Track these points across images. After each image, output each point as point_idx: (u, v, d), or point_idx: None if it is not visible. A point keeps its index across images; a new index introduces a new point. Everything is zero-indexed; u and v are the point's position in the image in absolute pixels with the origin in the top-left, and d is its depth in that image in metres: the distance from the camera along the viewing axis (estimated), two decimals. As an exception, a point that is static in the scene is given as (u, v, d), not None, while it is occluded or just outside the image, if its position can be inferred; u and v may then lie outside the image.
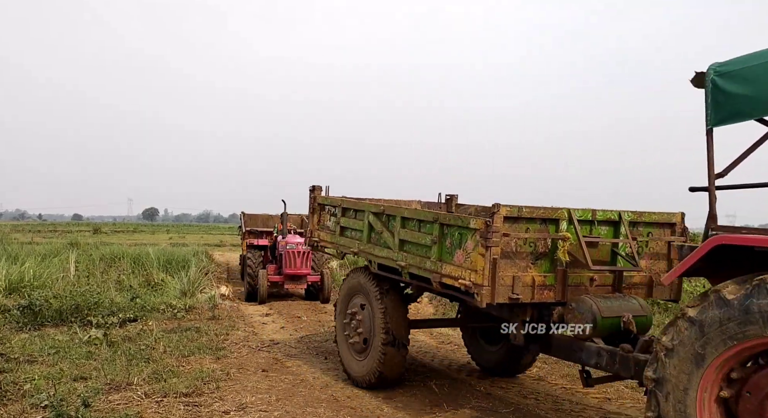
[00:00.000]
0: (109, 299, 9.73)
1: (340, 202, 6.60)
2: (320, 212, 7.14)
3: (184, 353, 7.15)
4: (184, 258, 14.92)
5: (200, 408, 5.18)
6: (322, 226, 7.10)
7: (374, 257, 5.76)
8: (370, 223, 5.84)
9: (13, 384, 5.58)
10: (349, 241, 6.32)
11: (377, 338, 5.75)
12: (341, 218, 6.49)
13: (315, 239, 7.11)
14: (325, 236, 6.90)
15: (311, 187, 7.24)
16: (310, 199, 7.23)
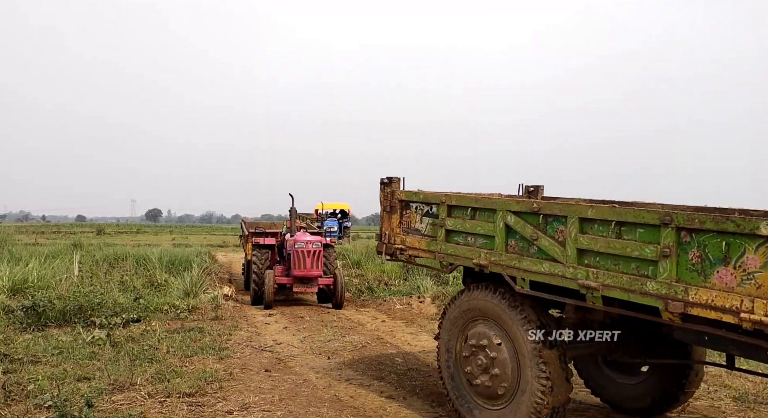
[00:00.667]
0: (113, 300, 9.74)
1: (443, 198, 5.10)
2: (402, 210, 5.64)
3: (187, 353, 7.16)
4: (187, 259, 14.94)
5: (203, 408, 5.19)
6: (407, 229, 5.57)
7: (524, 273, 4.31)
8: (510, 226, 4.46)
9: (17, 385, 5.60)
10: (466, 249, 4.86)
11: (531, 386, 4.31)
12: (447, 219, 5.03)
13: (398, 246, 5.60)
14: (417, 242, 5.39)
15: (385, 179, 5.77)
16: (385, 195, 5.75)
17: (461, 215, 4.97)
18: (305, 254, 11.25)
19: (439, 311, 10.97)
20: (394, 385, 6.17)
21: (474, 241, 4.86)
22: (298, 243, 11.37)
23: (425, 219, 5.40)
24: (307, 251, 11.26)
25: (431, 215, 5.32)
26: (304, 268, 11.26)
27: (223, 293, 12.11)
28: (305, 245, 11.30)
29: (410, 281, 13.41)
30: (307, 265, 11.25)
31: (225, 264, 19.28)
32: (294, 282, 11.51)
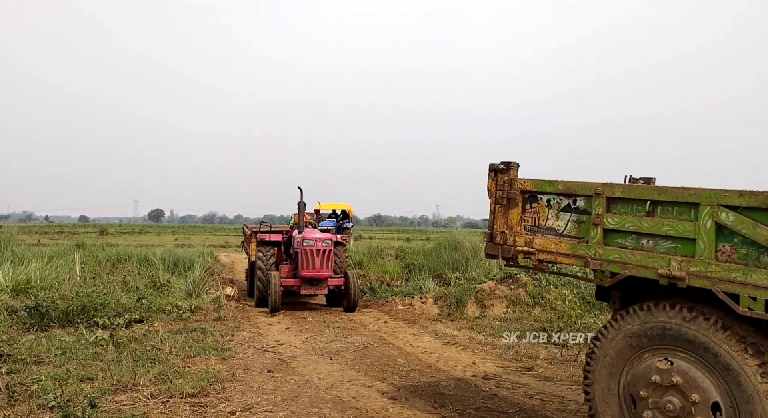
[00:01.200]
0: (116, 300, 9.76)
1: (599, 188, 4.00)
2: (526, 204, 4.56)
3: (190, 353, 7.17)
4: (189, 259, 14.95)
5: (206, 409, 5.20)
6: (534, 227, 4.50)
7: (754, 290, 3.27)
8: (724, 225, 3.42)
9: (20, 385, 5.61)
10: (642, 256, 3.77)
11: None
12: (607, 216, 3.97)
13: (521, 249, 4.49)
14: (553, 244, 4.31)
15: (498, 165, 4.66)
16: (499, 184, 4.65)
17: (631, 210, 3.91)
18: (314, 253, 10.34)
19: (441, 312, 10.96)
20: (397, 386, 6.17)
21: (654, 244, 3.76)
22: (306, 241, 10.43)
23: (564, 215, 4.33)
24: (316, 250, 10.35)
25: (576, 210, 4.26)
26: (312, 268, 10.34)
27: (226, 293, 12.12)
28: (314, 243, 10.37)
29: (412, 282, 13.41)
30: (317, 265, 10.34)
31: (227, 265, 19.30)
32: (302, 284, 10.59)
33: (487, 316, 10.67)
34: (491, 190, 4.72)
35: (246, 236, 14.24)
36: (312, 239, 10.46)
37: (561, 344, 8.16)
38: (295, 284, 10.70)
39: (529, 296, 11.19)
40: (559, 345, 8.08)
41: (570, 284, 11.57)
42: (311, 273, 10.44)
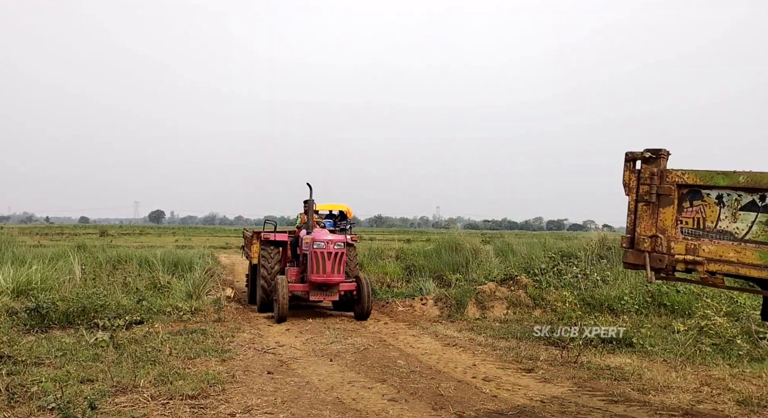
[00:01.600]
0: (116, 302, 9.76)
1: None
2: (684, 202, 3.77)
3: (190, 355, 7.17)
4: (189, 260, 14.95)
5: (206, 410, 5.19)
6: (698, 231, 3.68)
7: None
8: None
9: (20, 386, 5.61)
10: None
11: None
12: None
13: (680, 257, 3.68)
14: (733, 252, 3.49)
15: (642, 154, 3.87)
16: (644, 178, 3.85)
17: None
18: (325, 256, 9.53)
19: (441, 313, 10.95)
20: (397, 387, 6.17)
21: None
22: (317, 243, 9.62)
23: (745, 215, 3.53)
24: (327, 253, 9.56)
25: (765, 208, 3.45)
26: (323, 272, 9.53)
27: (226, 294, 12.12)
28: (325, 245, 9.56)
29: (412, 283, 13.41)
30: (328, 269, 9.52)
31: (228, 266, 19.30)
32: (311, 289, 9.80)
33: (488, 317, 10.67)
34: (630, 184, 3.94)
35: (247, 239, 13.71)
36: (323, 240, 9.66)
37: (562, 345, 8.15)
38: (303, 289, 9.89)
39: (530, 298, 11.19)
40: (560, 347, 8.06)
41: (570, 285, 11.56)
42: (322, 278, 9.64)
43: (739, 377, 6.59)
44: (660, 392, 6.04)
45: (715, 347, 7.66)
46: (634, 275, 12.01)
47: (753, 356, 7.33)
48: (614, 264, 13.09)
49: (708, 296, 9.93)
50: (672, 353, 7.49)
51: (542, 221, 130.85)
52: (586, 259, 13.70)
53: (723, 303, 9.41)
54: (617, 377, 6.56)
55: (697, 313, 8.89)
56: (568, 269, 12.57)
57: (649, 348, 7.80)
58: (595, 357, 7.60)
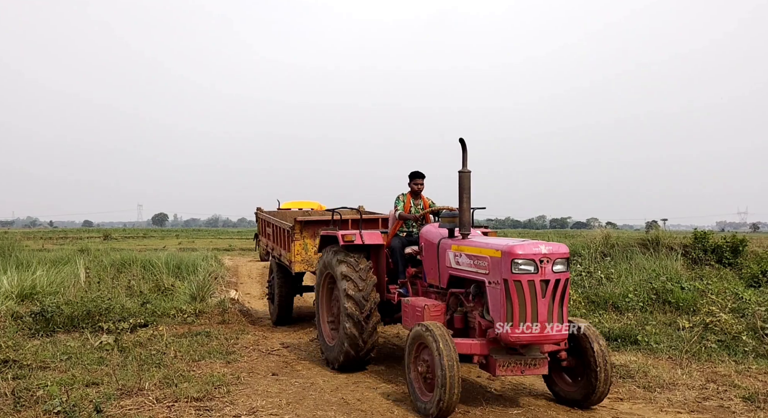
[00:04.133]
0: (120, 305, 9.78)
1: None
2: None
3: (195, 357, 7.18)
4: (193, 263, 14.98)
5: (211, 412, 5.20)
6: None
7: None
8: None
9: (26, 390, 5.63)
10: None
11: None
12: None
13: None
14: None
15: None
16: None
17: None
18: (537, 289, 4.90)
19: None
20: (402, 388, 6.15)
21: None
22: (520, 261, 4.89)
23: None
24: (541, 281, 4.91)
25: None
26: (534, 321, 4.89)
27: (230, 296, 12.14)
28: (537, 265, 4.90)
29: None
30: (542, 313, 4.91)
31: (231, 268, 19.31)
32: (494, 353, 5.20)
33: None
34: None
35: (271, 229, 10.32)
36: (530, 254, 4.93)
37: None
38: (480, 351, 5.21)
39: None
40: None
41: (574, 283, 11.54)
42: (533, 336, 4.94)
43: (745, 373, 6.57)
44: (665, 389, 6.02)
45: (721, 343, 7.64)
46: (639, 272, 11.98)
47: (759, 353, 7.30)
48: (618, 262, 13.06)
49: (713, 292, 9.90)
50: (677, 350, 7.47)
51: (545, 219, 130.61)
52: (590, 257, 13.67)
53: (728, 299, 9.37)
54: (622, 375, 6.54)
55: (702, 310, 8.86)
56: (572, 267, 12.56)
57: (654, 345, 7.77)
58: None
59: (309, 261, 8.79)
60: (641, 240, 14.86)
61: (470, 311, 5.63)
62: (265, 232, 11.19)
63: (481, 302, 5.43)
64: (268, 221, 10.81)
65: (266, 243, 11.18)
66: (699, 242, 13.64)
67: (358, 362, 6.59)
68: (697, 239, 13.73)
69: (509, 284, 4.90)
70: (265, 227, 11.28)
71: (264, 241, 11.49)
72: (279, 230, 9.76)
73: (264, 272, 17.89)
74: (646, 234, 16.07)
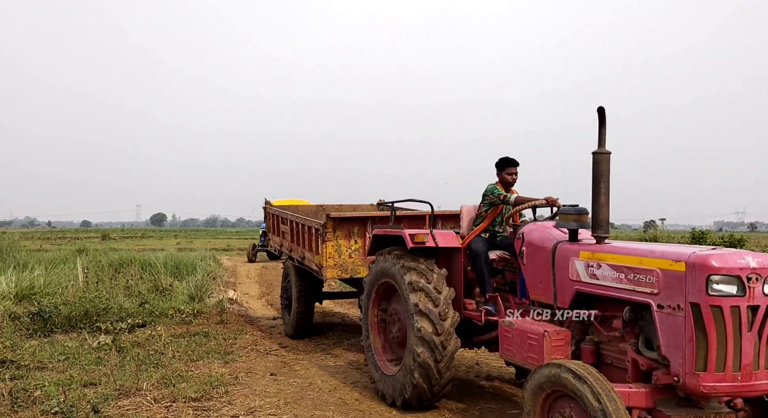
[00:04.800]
0: (118, 305, 9.78)
1: None
2: None
3: (193, 357, 7.17)
4: (191, 263, 14.98)
5: (209, 413, 5.19)
6: None
7: None
8: None
9: (23, 391, 5.62)
10: None
11: None
12: None
13: None
14: None
15: None
16: None
17: None
18: (740, 320, 3.31)
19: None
20: (400, 387, 6.16)
21: None
22: (721, 275, 3.30)
23: None
24: (746, 309, 3.31)
25: None
26: (737, 364, 3.31)
27: (228, 296, 12.14)
28: (742, 284, 3.29)
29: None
30: (746, 352, 3.32)
31: (230, 268, 19.31)
32: (668, 406, 3.59)
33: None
34: None
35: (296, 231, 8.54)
36: (735, 268, 3.32)
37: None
38: (644, 403, 3.58)
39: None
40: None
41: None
42: (735, 387, 3.37)
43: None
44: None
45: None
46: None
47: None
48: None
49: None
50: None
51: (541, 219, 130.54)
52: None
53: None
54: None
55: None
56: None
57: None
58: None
59: (343, 266, 7.37)
60: (639, 240, 14.89)
61: (610, 341, 4.08)
62: (278, 230, 9.46)
63: (635, 331, 3.86)
64: (284, 217, 9.10)
65: (279, 243, 9.47)
66: (697, 242, 13.70)
67: (429, 398, 5.26)
68: (695, 239, 13.80)
69: (702, 310, 3.33)
70: (278, 224, 9.53)
71: (276, 240, 9.72)
72: (302, 228, 8.23)
73: (263, 273, 17.91)
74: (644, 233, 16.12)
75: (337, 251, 7.40)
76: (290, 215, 8.96)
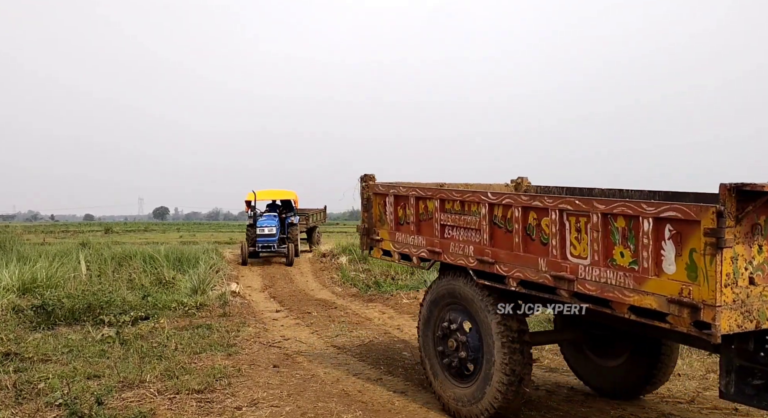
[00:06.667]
0: (121, 298, 9.80)
1: None
2: None
3: (196, 350, 7.20)
4: (194, 256, 14.99)
5: (212, 404, 5.22)
6: None
7: None
8: None
9: (27, 383, 5.65)
10: None
11: None
12: None
13: None
14: None
15: None
16: None
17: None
18: None
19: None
20: (402, 379, 6.18)
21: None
22: None
23: None
24: None
25: None
26: None
27: (231, 289, 12.17)
28: None
29: (417, 275, 13.41)
30: None
31: (232, 261, 19.31)
32: None
33: (493, 308, 10.66)
34: None
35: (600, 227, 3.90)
36: None
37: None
38: None
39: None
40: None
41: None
42: None
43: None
44: (666, 379, 6.02)
45: (721, 334, 7.64)
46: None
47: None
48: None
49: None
50: (678, 340, 7.47)
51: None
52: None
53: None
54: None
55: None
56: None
57: (654, 336, 7.77)
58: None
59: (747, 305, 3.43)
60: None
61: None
62: (419, 221, 5.45)
63: None
64: (468, 202, 4.95)
65: (423, 242, 5.39)
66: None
67: None
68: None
69: None
70: (422, 212, 5.42)
71: (413, 240, 5.52)
72: (607, 221, 3.90)
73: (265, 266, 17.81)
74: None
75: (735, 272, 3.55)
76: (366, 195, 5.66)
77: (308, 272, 16.20)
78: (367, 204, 6.23)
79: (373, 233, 6.16)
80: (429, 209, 5.36)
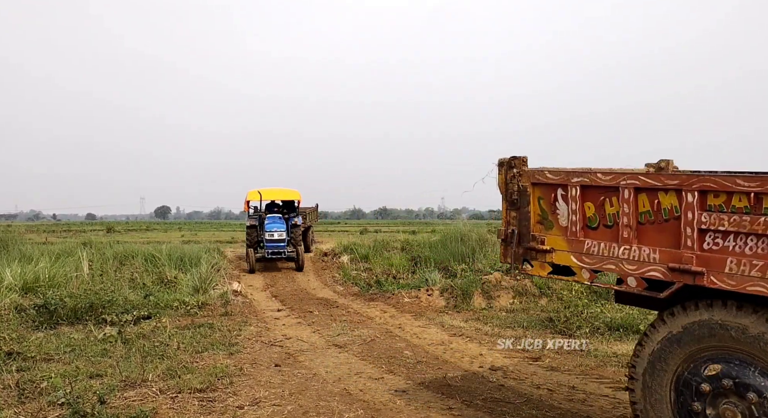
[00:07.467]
0: (123, 297, 9.82)
1: None
2: None
3: (198, 349, 7.21)
4: (196, 255, 15.00)
5: (214, 403, 5.23)
6: None
7: None
8: None
9: (30, 382, 5.67)
10: None
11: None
12: None
13: None
14: None
15: None
16: None
17: None
18: None
19: (447, 304, 10.95)
20: (404, 378, 6.19)
21: None
22: None
23: None
24: None
25: None
26: None
27: (233, 288, 12.18)
28: None
29: (418, 274, 13.42)
30: None
31: (234, 260, 19.32)
32: None
33: (494, 307, 10.68)
34: None
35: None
36: None
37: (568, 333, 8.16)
38: None
39: (536, 287, 11.18)
40: (566, 335, 8.08)
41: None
42: None
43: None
44: (667, 378, 6.03)
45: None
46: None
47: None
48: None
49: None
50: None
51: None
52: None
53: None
54: (625, 365, 6.55)
55: (704, 299, 8.85)
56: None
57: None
58: (602, 345, 7.59)
59: None
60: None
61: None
62: (637, 223, 3.87)
63: None
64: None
65: (655, 256, 3.77)
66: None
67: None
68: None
69: None
70: (647, 210, 3.85)
71: (628, 252, 3.92)
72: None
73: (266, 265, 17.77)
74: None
75: None
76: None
77: (310, 271, 16.21)
78: (519, 199, 4.58)
79: (533, 241, 4.47)
80: (666, 207, 3.72)
